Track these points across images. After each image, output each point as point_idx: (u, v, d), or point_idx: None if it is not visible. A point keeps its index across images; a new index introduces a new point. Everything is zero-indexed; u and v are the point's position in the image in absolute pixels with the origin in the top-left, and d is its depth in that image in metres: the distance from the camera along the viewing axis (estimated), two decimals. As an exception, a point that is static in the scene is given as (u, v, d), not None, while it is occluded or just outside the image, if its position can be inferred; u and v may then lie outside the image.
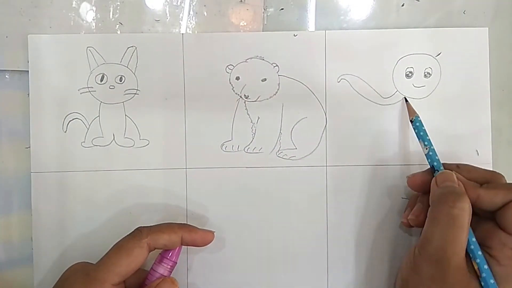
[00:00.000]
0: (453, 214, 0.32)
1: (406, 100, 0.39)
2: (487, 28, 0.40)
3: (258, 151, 0.40)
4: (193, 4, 0.39)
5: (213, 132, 0.40)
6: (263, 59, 0.40)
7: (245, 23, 0.40)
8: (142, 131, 0.40)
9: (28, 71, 0.39)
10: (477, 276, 0.32)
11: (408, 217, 0.36)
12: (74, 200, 0.39)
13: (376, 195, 0.40)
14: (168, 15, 0.40)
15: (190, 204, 0.40)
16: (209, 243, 0.36)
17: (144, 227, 0.35)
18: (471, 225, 0.33)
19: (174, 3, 0.40)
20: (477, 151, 0.40)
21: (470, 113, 0.40)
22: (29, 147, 0.39)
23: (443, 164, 0.36)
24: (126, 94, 0.39)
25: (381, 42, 0.40)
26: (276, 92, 0.40)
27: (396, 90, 0.40)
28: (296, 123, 0.40)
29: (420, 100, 0.40)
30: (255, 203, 0.40)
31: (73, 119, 0.39)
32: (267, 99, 0.40)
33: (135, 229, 0.35)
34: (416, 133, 0.37)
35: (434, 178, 0.35)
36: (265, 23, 0.40)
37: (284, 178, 0.40)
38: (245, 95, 0.40)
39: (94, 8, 0.39)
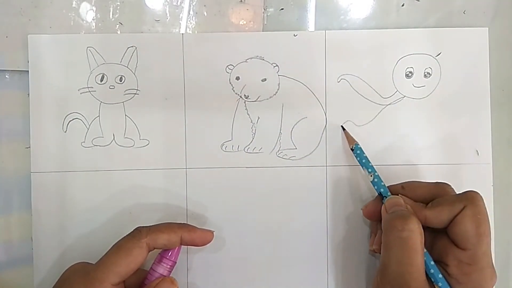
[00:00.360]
0: (403, 237, 0.32)
1: (344, 129, 0.39)
2: (487, 28, 0.40)
3: (258, 151, 0.40)
4: (193, 4, 0.39)
5: (213, 132, 0.40)
6: (263, 59, 0.40)
7: (245, 23, 0.40)
8: (142, 131, 0.40)
9: (28, 71, 0.39)
10: None
11: (373, 246, 0.36)
12: (74, 200, 0.39)
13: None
14: (168, 15, 0.40)
15: (190, 204, 0.40)
16: (208, 243, 0.36)
17: (143, 227, 0.35)
18: (428, 244, 0.33)
19: (174, 3, 0.40)
20: (477, 151, 0.40)
21: (470, 113, 0.40)
22: (29, 147, 0.39)
23: (388, 186, 0.36)
24: (126, 94, 0.39)
25: (381, 42, 0.40)
26: (276, 92, 0.40)
27: (396, 90, 0.40)
28: (296, 123, 0.40)
29: (420, 100, 0.40)
30: (255, 203, 0.40)
31: (73, 119, 0.39)
32: (267, 99, 0.40)
33: (134, 229, 0.35)
34: (358, 161, 0.38)
35: (383, 206, 0.35)
36: (265, 23, 0.40)
37: (284, 178, 0.40)
38: (245, 95, 0.40)
39: (94, 8, 0.39)
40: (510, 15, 0.41)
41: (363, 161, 0.37)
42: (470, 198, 0.32)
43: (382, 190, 0.36)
